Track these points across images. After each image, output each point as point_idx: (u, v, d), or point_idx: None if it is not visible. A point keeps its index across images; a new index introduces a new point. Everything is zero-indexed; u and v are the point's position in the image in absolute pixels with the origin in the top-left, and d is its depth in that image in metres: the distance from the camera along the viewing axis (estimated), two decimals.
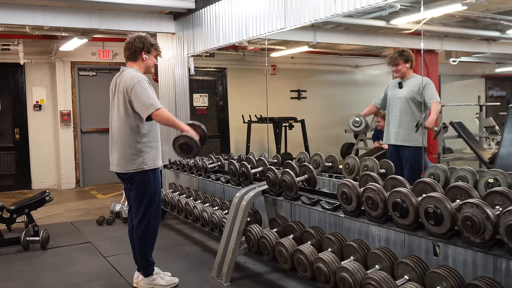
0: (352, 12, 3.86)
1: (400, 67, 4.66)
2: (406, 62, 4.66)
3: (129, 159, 3.57)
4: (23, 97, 8.87)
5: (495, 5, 6.21)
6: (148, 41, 3.66)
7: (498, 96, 11.38)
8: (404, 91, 4.65)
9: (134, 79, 3.48)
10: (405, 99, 4.59)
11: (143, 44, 3.63)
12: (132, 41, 3.63)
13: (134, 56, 3.65)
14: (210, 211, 4.81)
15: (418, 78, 4.64)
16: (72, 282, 4.10)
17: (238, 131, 9.76)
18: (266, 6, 4.78)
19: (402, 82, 4.69)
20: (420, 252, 2.85)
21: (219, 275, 3.95)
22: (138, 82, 3.46)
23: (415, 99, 4.55)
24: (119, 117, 3.58)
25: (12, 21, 5.88)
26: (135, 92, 3.44)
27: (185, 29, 6.49)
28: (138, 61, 3.67)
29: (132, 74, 3.55)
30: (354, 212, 3.13)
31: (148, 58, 3.68)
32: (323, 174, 4.29)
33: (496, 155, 5.43)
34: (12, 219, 5.14)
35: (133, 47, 3.63)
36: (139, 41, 3.63)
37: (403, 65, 4.66)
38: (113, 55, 9.15)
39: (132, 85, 3.46)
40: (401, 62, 4.65)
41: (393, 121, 4.71)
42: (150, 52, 3.68)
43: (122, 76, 3.60)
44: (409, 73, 4.70)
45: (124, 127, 3.56)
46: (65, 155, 8.97)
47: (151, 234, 3.75)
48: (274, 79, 10.27)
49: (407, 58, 4.65)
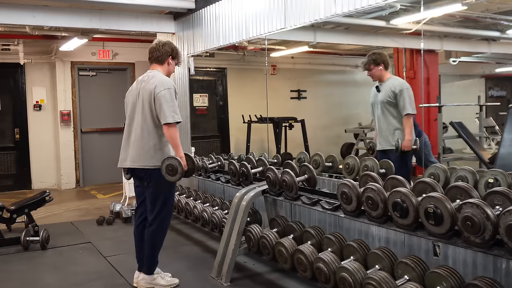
0: (352, 12, 3.85)
1: (373, 71, 4.55)
2: (378, 65, 4.52)
3: (149, 155, 3.64)
4: (23, 97, 8.86)
5: (495, 5, 6.22)
6: (176, 48, 3.87)
7: (498, 96, 11.39)
8: (381, 95, 4.56)
9: (165, 85, 3.62)
10: (382, 104, 4.51)
11: (172, 49, 3.82)
12: (162, 44, 3.81)
13: (161, 60, 3.79)
14: (210, 211, 4.82)
15: (393, 81, 4.51)
16: (72, 282, 4.10)
17: (238, 131, 9.76)
18: (266, 6, 4.78)
19: (380, 86, 4.59)
20: (420, 252, 2.85)
21: (219, 275, 3.96)
22: (168, 89, 3.60)
23: (391, 103, 4.46)
24: (144, 115, 3.65)
25: (12, 21, 5.87)
26: (164, 98, 3.56)
27: (185, 29, 6.49)
28: (164, 65, 3.82)
29: (163, 78, 3.69)
30: (354, 212, 3.13)
31: (172, 64, 3.86)
32: (323, 174, 4.30)
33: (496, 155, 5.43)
34: (12, 219, 5.14)
35: (162, 50, 3.78)
36: (169, 46, 3.82)
37: (376, 68, 4.53)
38: (113, 55, 9.15)
39: (162, 89, 3.59)
40: (373, 66, 4.53)
41: (376, 126, 4.68)
42: (174, 59, 3.86)
43: (152, 77, 3.71)
44: (385, 76, 4.57)
45: (147, 125, 3.65)
46: (65, 155, 8.96)
47: (162, 233, 3.82)
48: (274, 79, 10.27)
49: (378, 61, 4.51)
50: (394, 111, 4.45)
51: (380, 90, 4.56)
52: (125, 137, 3.80)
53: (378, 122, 4.58)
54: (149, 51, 3.84)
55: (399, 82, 4.49)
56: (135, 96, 3.75)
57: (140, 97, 3.69)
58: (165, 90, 3.58)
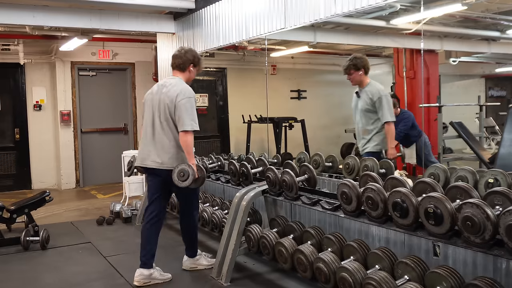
0: (352, 12, 3.86)
1: (353, 75, 4.54)
2: (358, 70, 4.50)
3: (171, 157, 3.82)
4: (23, 97, 8.86)
5: (495, 5, 6.22)
6: (198, 56, 4.02)
7: (498, 96, 11.39)
8: (360, 102, 4.59)
9: (186, 94, 3.78)
10: (362, 110, 4.56)
11: (193, 57, 3.97)
12: (185, 52, 3.97)
13: (183, 67, 3.96)
14: (210, 211, 4.82)
15: (372, 88, 4.52)
16: (72, 282, 4.10)
17: (238, 131, 9.76)
18: (266, 6, 4.78)
19: (359, 92, 4.61)
20: (420, 252, 2.85)
21: (219, 275, 3.95)
22: (189, 98, 3.77)
23: (370, 110, 4.50)
24: (166, 120, 3.82)
25: (12, 21, 5.87)
26: (184, 106, 3.73)
27: (185, 29, 6.48)
28: (185, 72, 3.98)
29: (184, 87, 3.84)
30: (354, 212, 3.13)
31: (193, 71, 4.01)
32: (323, 174, 4.30)
33: (496, 155, 5.44)
34: (12, 219, 5.14)
35: (184, 58, 3.95)
36: (190, 54, 3.98)
37: (356, 73, 4.52)
38: (113, 55, 9.15)
39: (183, 97, 3.75)
40: (353, 70, 4.52)
41: (357, 132, 4.74)
42: (196, 66, 4.01)
43: (174, 85, 3.86)
44: (365, 81, 4.57)
45: (170, 130, 3.82)
46: (65, 155, 8.96)
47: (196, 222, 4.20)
48: (274, 79, 10.28)
49: (359, 66, 4.49)
50: (373, 117, 4.50)
51: (360, 96, 4.60)
52: (147, 136, 3.93)
53: (358, 127, 4.68)
54: (172, 58, 4.02)
55: (377, 90, 4.49)
56: (156, 100, 3.88)
57: (162, 102, 3.83)
58: (186, 99, 3.74)
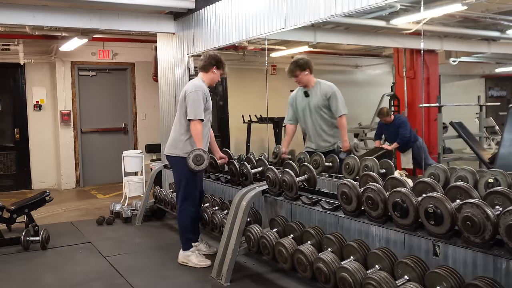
0: (352, 12, 3.85)
1: (299, 77, 4.67)
2: (304, 70, 4.64)
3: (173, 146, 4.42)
4: (23, 97, 8.86)
5: (495, 5, 6.22)
6: (221, 61, 4.49)
7: (498, 96, 11.39)
8: (312, 100, 4.71)
9: (194, 87, 4.30)
10: (317, 108, 4.68)
11: (216, 61, 4.45)
12: (208, 56, 4.49)
13: (206, 68, 4.46)
14: (210, 211, 4.81)
15: (323, 86, 4.68)
16: (72, 282, 4.10)
17: (238, 131, 9.76)
18: (266, 6, 4.77)
19: (308, 91, 4.73)
20: (420, 252, 2.85)
21: (219, 275, 3.95)
22: (195, 91, 4.26)
23: (326, 106, 4.66)
24: (180, 112, 4.39)
25: (12, 21, 5.87)
26: (191, 98, 4.24)
27: (185, 29, 6.48)
28: (208, 73, 4.46)
29: (195, 82, 4.40)
30: (354, 212, 3.13)
31: (216, 73, 4.48)
32: (323, 174, 4.29)
33: (496, 155, 5.44)
34: (12, 219, 5.14)
35: (208, 60, 4.45)
36: (213, 58, 4.45)
37: (302, 73, 4.65)
38: (113, 55, 9.15)
39: (191, 91, 4.28)
40: (299, 71, 4.64)
41: (312, 131, 4.79)
42: (219, 69, 4.49)
43: (192, 81, 4.50)
44: (311, 80, 4.72)
45: (180, 120, 4.39)
46: (65, 155, 8.96)
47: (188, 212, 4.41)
48: (274, 79, 10.24)
49: (304, 66, 4.63)
50: (330, 114, 4.68)
51: (309, 95, 4.74)
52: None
53: (314, 126, 4.75)
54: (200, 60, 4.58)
55: (329, 86, 4.69)
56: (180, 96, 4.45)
57: (180, 97, 4.42)
58: (194, 92, 4.24)
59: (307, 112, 4.78)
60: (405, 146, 6.68)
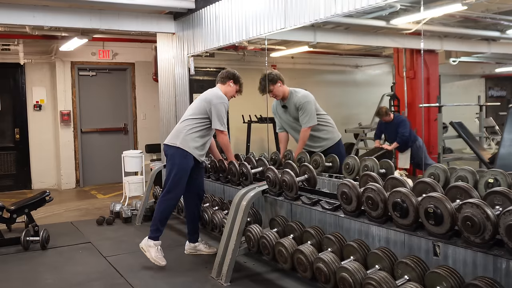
0: (352, 12, 3.85)
1: (274, 91, 4.74)
2: (276, 82, 4.70)
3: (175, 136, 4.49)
4: (23, 97, 8.86)
5: (495, 5, 6.21)
6: (238, 77, 4.72)
7: (498, 96, 11.37)
8: (291, 113, 4.80)
9: (221, 98, 4.52)
10: (296, 120, 4.77)
11: (233, 76, 4.69)
12: (226, 71, 4.73)
13: (223, 80, 4.69)
14: (210, 211, 4.82)
15: (295, 97, 4.74)
16: (72, 282, 4.10)
17: (238, 131, 9.75)
18: (266, 6, 4.77)
19: (286, 104, 4.81)
20: (420, 252, 2.85)
21: (219, 275, 3.95)
22: (222, 103, 4.49)
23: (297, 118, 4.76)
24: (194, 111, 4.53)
25: (12, 21, 5.86)
26: (218, 108, 4.45)
27: (185, 29, 6.48)
28: (225, 85, 4.66)
29: (219, 93, 4.58)
30: (354, 212, 3.13)
31: (232, 86, 4.68)
32: (323, 174, 4.29)
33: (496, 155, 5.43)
34: (12, 219, 5.14)
35: (226, 74, 4.69)
36: (231, 73, 4.69)
37: (275, 86, 4.71)
38: (113, 55, 9.15)
39: (217, 101, 4.47)
40: (272, 85, 4.71)
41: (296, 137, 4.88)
42: (235, 84, 4.69)
43: (212, 90, 4.65)
44: (286, 91, 4.78)
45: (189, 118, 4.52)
46: (65, 155, 8.96)
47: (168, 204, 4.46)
48: None
49: (275, 79, 4.70)
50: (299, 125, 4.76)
51: (287, 107, 4.81)
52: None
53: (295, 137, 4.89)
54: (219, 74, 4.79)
55: (300, 97, 4.74)
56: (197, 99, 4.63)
57: (199, 99, 4.59)
58: (220, 104, 4.46)
59: (291, 123, 4.89)
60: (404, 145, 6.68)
